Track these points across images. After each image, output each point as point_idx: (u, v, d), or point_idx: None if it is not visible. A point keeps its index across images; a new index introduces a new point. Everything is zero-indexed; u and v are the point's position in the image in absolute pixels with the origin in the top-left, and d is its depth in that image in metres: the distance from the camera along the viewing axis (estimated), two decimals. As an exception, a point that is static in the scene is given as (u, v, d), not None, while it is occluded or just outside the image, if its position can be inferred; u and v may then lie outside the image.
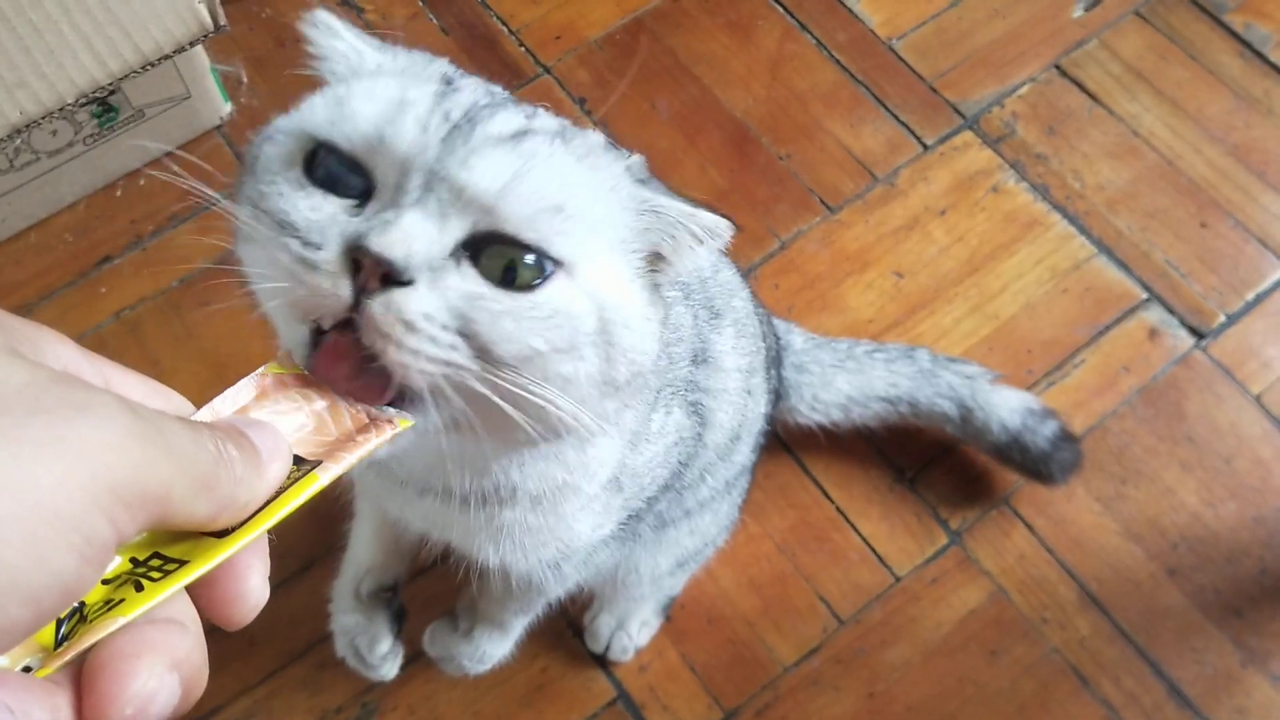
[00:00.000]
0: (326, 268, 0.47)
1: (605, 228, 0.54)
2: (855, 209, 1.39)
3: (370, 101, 0.51)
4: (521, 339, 0.50)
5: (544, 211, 0.50)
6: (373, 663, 1.00)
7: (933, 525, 1.22)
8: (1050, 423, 1.16)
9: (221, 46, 1.44)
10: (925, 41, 1.51)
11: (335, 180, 0.51)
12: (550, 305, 0.51)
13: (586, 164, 0.54)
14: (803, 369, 1.13)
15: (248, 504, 0.39)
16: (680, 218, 0.56)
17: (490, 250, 0.50)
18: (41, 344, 0.36)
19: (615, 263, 0.55)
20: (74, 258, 1.34)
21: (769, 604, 1.18)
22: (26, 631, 0.30)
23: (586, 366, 0.53)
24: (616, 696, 1.14)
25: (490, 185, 0.49)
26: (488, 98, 0.55)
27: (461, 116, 0.51)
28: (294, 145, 0.53)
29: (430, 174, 0.49)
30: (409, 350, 0.48)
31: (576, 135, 0.55)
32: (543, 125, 0.54)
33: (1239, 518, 1.22)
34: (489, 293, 0.49)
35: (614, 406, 0.58)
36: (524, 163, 0.51)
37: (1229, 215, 1.38)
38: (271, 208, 0.51)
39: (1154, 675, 1.14)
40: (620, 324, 0.53)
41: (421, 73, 0.56)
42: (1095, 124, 1.45)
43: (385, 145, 0.50)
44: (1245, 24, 1.50)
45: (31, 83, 1.13)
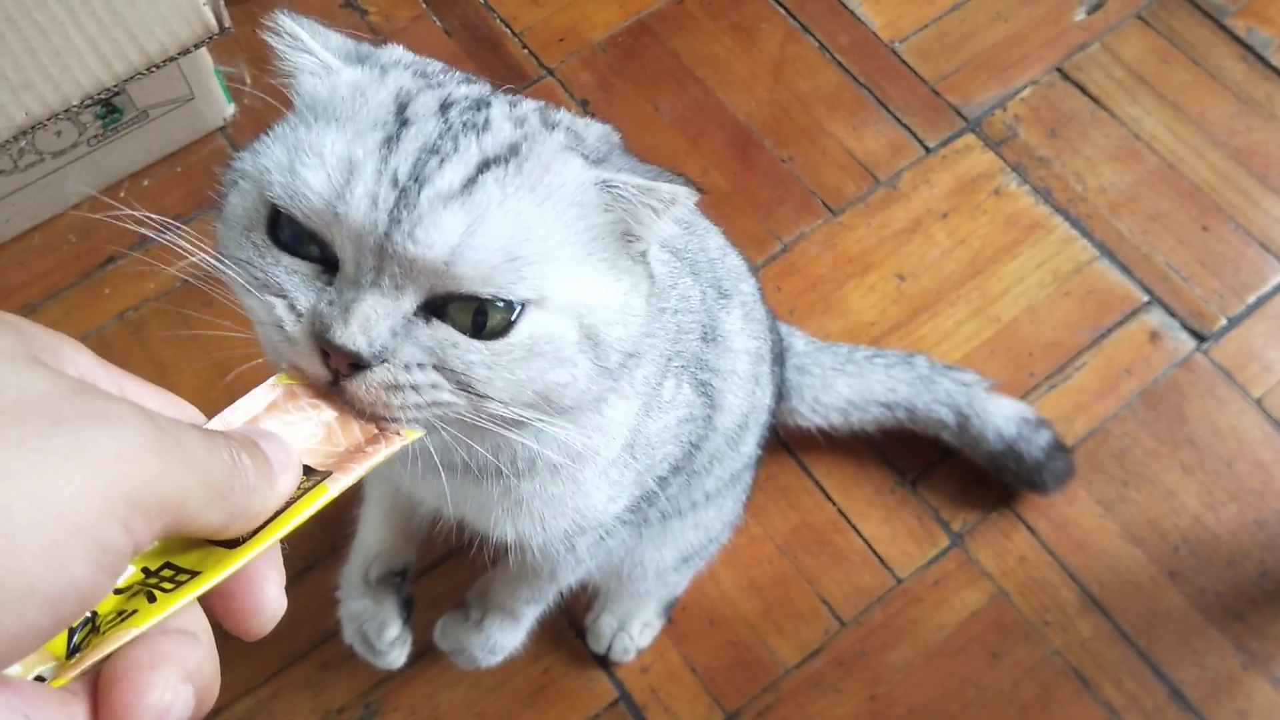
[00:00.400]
0: (300, 348, 0.51)
1: (570, 243, 0.54)
2: (857, 211, 1.39)
3: (320, 170, 0.52)
4: (505, 378, 0.53)
5: (499, 266, 0.51)
6: (381, 649, 0.99)
7: (934, 527, 1.22)
8: (1044, 432, 1.18)
9: (225, 48, 1.44)
10: (927, 44, 1.51)
11: (299, 247, 0.53)
12: (527, 342, 0.53)
13: (544, 187, 0.54)
14: (804, 371, 1.14)
15: (259, 514, 0.39)
16: (637, 193, 0.55)
17: (454, 305, 0.52)
18: (61, 352, 0.37)
19: (586, 267, 0.55)
20: (77, 258, 1.34)
21: (770, 606, 1.18)
22: (44, 637, 0.31)
23: (577, 370, 0.55)
24: (618, 697, 1.14)
25: (438, 254, 0.50)
26: (439, 128, 0.53)
27: (408, 176, 0.51)
28: (256, 200, 0.54)
29: (381, 250, 0.50)
30: (396, 407, 0.51)
31: (536, 147, 0.55)
32: (497, 147, 0.54)
33: (1240, 521, 1.22)
34: (462, 341, 0.52)
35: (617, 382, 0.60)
36: (473, 219, 0.51)
37: (1230, 219, 1.38)
38: (248, 272, 0.54)
39: (1155, 678, 1.15)
40: (603, 323, 0.55)
41: (373, 101, 0.55)
42: (1097, 127, 1.45)
43: (339, 222, 0.51)
44: (1247, 28, 1.50)
45: (37, 84, 1.13)
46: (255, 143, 0.57)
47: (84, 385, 0.34)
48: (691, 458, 0.82)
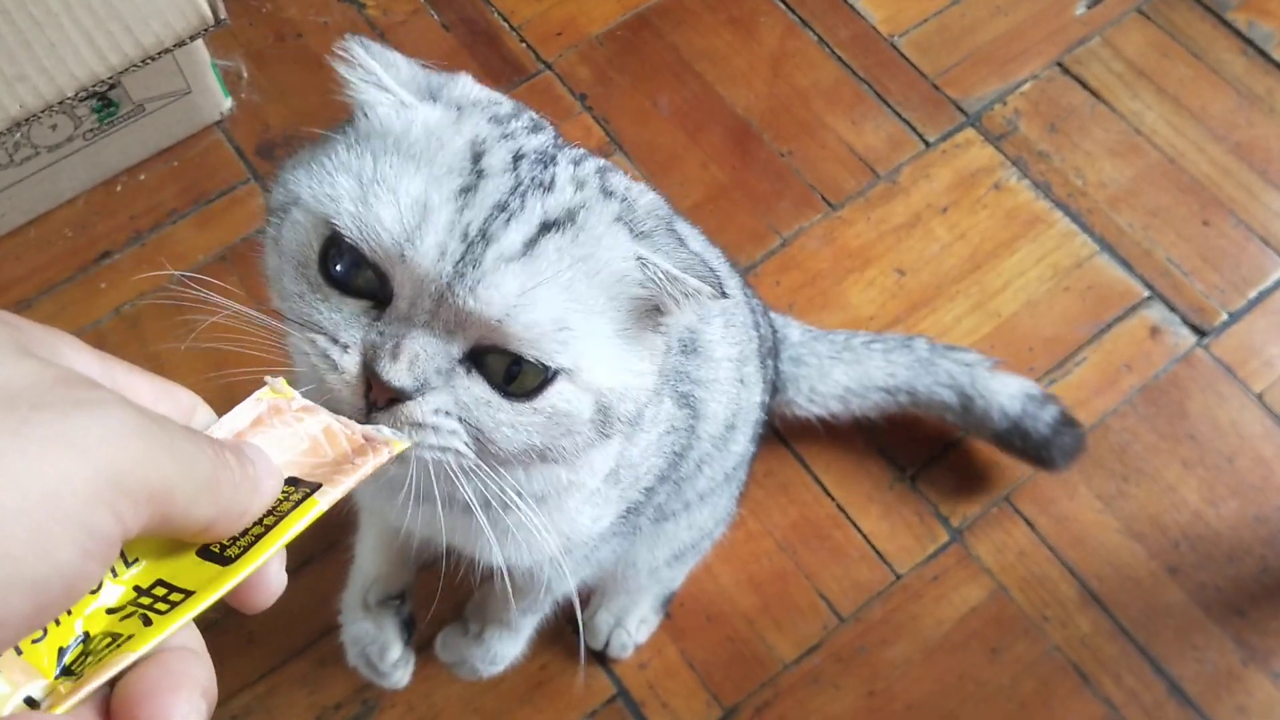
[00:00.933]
0: (346, 377, 0.53)
1: (609, 316, 0.57)
2: (857, 206, 1.39)
3: (394, 209, 0.53)
4: (519, 439, 0.56)
5: (548, 332, 0.53)
6: (384, 670, 1.01)
7: (933, 523, 1.21)
8: (1050, 408, 1.15)
9: (222, 41, 1.44)
10: (927, 39, 1.50)
11: (354, 278, 0.54)
12: (550, 409, 0.55)
13: (595, 260, 0.55)
14: (800, 361, 1.13)
15: (245, 511, 0.39)
16: (664, 278, 0.57)
17: (495, 355, 0.54)
18: (57, 348, 0.37)
19: (617, 344, 0.57)
20: (73, 253, 1.34)
21: (769, 601, 1.18)
22: (27, 623, 0.30)
23: (580, 437, 0.59)
24: (616, 694, 1.14)
25: (495, 312, 0.52)
26: (511, 184, 0.55)
27: (478, 232, 0.53)
28: (311, 233, 0.55)
29: (441, 296, 0.52)
30: (416, 439, 0.53)
31: (592, 217, 0.56)
32: (558, 210, 0.55)
33: (1240, 516, 1.22)
34: (494, 400, 0.55)
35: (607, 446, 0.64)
36: (531, 283, 0.53)
37: (1231, 213, 1.38)
38: (293, 308, 0.55)
39: (1155, 673, 1.14)
40: (618, 400, 0.58)
41: (450, 147, 0.56)
42: (1097, 121, 1.44)
43: (404, 264, 0.52)
44: (1248, 22, 1.50)
45: (31, 76, 1.12)
46: (309, 160, 0.58)
47: (69, 374, 0.34)
48: (677, 466, 0.82)
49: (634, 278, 0.57)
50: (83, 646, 0.36)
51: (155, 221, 1.36)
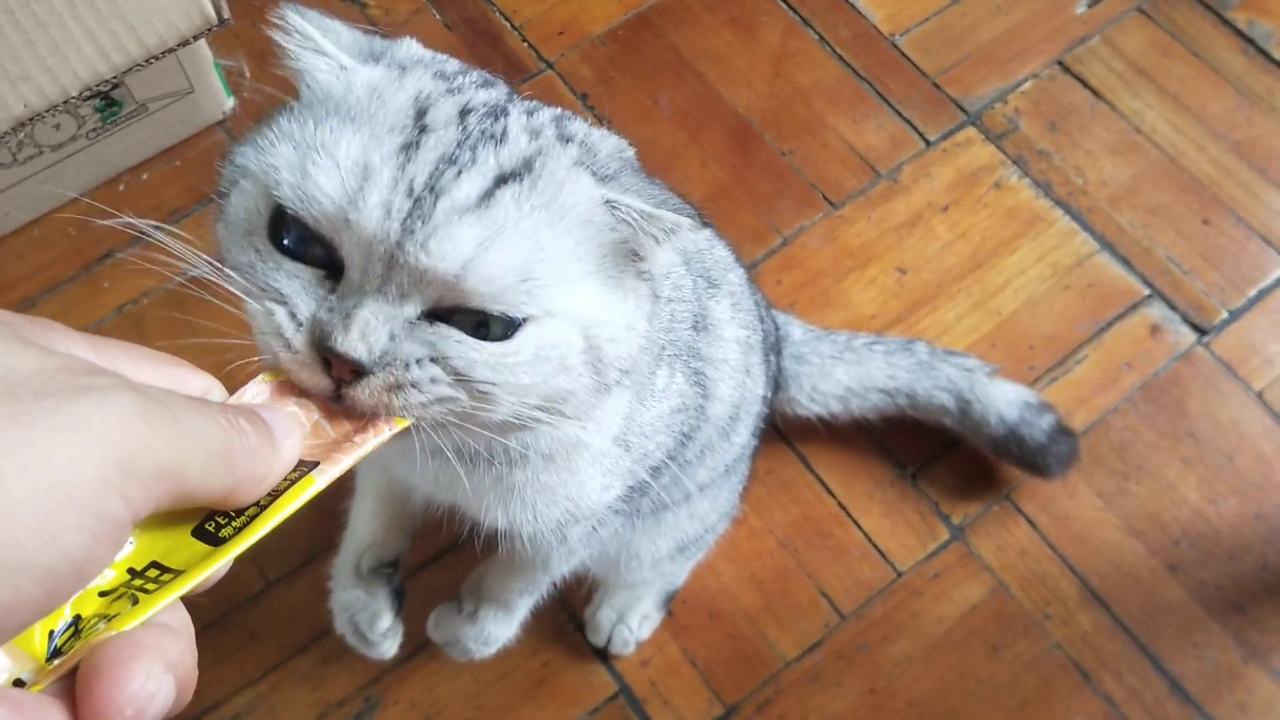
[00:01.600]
0: (300, 357, 0.50)
1: (580, 259, 0.54)
2: (858, 205, 1.39)
3: (333, 173, 0.51)
4: (509, 380, 0.53)
5: (511, 285, 0.51)
6: (373, 640, 0.98)
7: (934, 521, 1.22)
8: (1047, 416, 1.17)
9: (224, 41, 1.44)
10: (928, 38, 1.51)
11: (304, 250, 0.52)
12: (532, 346, 0.53)
13: (558, 206, 0.53)
14: (802, 359, 1.14)
15: (265, 476, 0.39)
16: (639, 218, 0.55)
17: (460, 316, 0.52)
18: (50, 337, 0.37)
19: (593, 283, 0.55)
20: (77, 252, 1.34)
21: (770, 599, 1.18)
22: (38, 608, 0.31)
23: (578, 380, 0.56)
24: (618, 690, 1.14)
25: (450, 267, 0.49)
26: (457, 137, 0.53)
27: (425, 185, 0.50)
28: (259, 201, 0.53)
29: (392, 258, 0.50)
30: (399, 406, 0.51)
31: (550, 163, 0.54)
32: (513, 161, 0.53)
33: (1240, 514, 1.22)
34: (467, 340, 0.52)
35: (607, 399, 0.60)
36: (488, 235, 0.50)
37: (1231, 212, 1.38)
38: (244, 280, 0.53)
39: (1155, 671, 1.14)
40: (605, 339, 0.55)
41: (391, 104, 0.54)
42: (1098, 120, 1.45)
43: (349, 228, 0.50)
44: (1248, 21, 1.50)
45: (35, 75, 1.13)
46: (255, 135, 0.56)
47: (71, 362, 0.34)
48: (684, 447, 0.81)
49: (603, 221, 0.55)
50: (74, 629, 0.37)
51: (159, 220, 1.36)
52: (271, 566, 1.17)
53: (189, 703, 0.39)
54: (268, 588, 1.16)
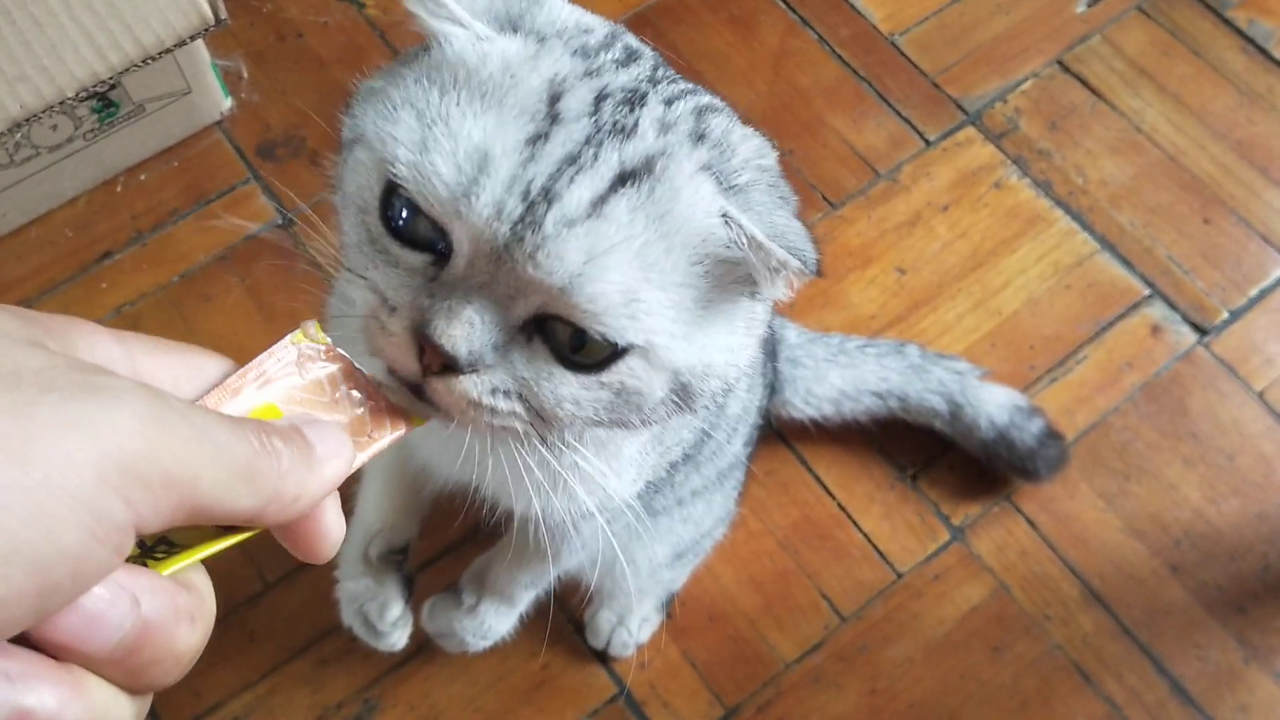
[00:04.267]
0: (395, 340, 0.49)
1: (691, 286, 0.50)
2: (858, 205, 1.39)
3: (452, 159, 0.48)
4: (582, 414, 0.52)
5: (615, 304, 0.48)
6: (383, 630, 0.95)
7: (935, 522, 1.21)
8: (1037, 420, 1.18)
9: (222, 41, 1.44)
10: (928, 37, 1.50)
11: (414, 229, 0.50)
12: (619, 384, 0.51)
13: (673, 218, 0.49)
14: (797, 363, 1.14)
15: (298, 499, 0.38)
16: (749, 245, 0.50)
17: (561, 323, 0.49)
18: (73, 337, 0.37)
19: (701, 317, 0.51)
20: (74, 253, 1.34)
21: (770, 600, 1.18)
22: (32, 604, 0.30)
23: (653, 414, 0.54)
24: (617, 693, 1.14)
25: (556, 282, 0.47)
26: (587, 132, 0.49)
27: (540, 190, 0.47)
28: (373, 175, 0.51)
29: (499, 259, 0.48)
30: (470, 419, 0.50)
31: (672, 165, 0.50)
32: (635, 159, 0.49)
33: (1242, 514, 1.21)
34: (556, 372, 0.50)
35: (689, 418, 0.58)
36: (596, 247, 0.47)
37: (1232, 211, 1.38)
38: (350, 257, 0.52)
39: (1156, 672, 1.14)
40: (699, 378, 0.53)
41: (524, 86, 0.50)
42: (1098, 120, 1.44)
43: (461, 219, 0.48)
44: (1248, 20, 1.50)
45: (32, 76, 1.12)
46: (379, 92, 0.53)
47: (81, 363, 0.34)
48: (700, 447, 0.80)
49: (718, 237, 0.50)
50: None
51: (156, 221, 1.36)
52: (270, 568, 1.17)
53: (189, 705, 0.39)
54: (266, 589, 1.16)
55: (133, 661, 0.34)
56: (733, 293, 0.53)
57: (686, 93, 0.55)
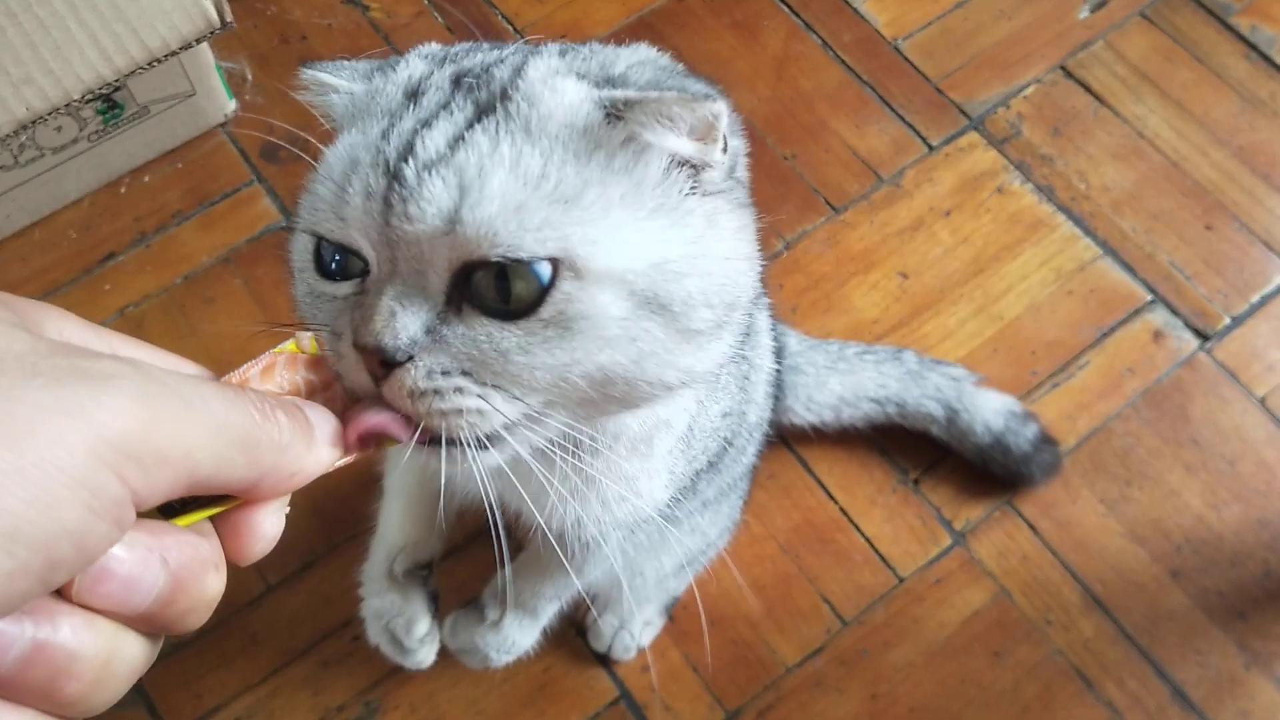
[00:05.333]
0: (348, 359, 0.49)
1: (592, 184, 0.49)
2: (860, 209, 1.39)
3: (328, 179, 0.50)
4: (544, 363, 0.48)
5: (503, 218, 0.46)
6: (410, 646, 0.94)
7: (936, 526, 1.21)
8: (1031, 425, 1.19)
9: (226, 44, 1.44)
10: (931, 42, 1.51)
11: (340, 265, 0.51)
12: (558, 314, 0.48)
13: (537, 121, 0.49)
14: (798, 370, 1.14)
15: (294, 474, 0.39)
16: (625, 108, 0.49)
17: (478, 275, 0.48)
18: (44, 321, 0.37)
19: (626, 215, 0.49)
20: (78, 254, 1.34)
21: (772, 605, 1.18)
22: (39, 577, 0.31)
23: (643, 345, 0.49)
24: (619, 696, 1.14)
25: (435, 224, 0.46)
26: (441, 100, 0.50)
27: (397, 156, 0.48)
28: (305, 238, 0.53)
29: (388, 239, 0.48)
30: (423, 413, 0.48)
31: (522, 81, 0.50)
32: (488, 97, 0.50)
33: (1243, 520, 1.22)
34: (492, 330, 0.48)
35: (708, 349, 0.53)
36: (461, 178, 0.47)
37: (1234, 218, 1.38)
38: (303, 313, 0.53)
39: (1157, 677, 1.14)
40: (668, 279, 0.49)
41: (384, 96, 0.53)
42: (1101, 125, 1.44)
43: (348, 225, 0.49)
44: (1251, 26, 1.50)
45: (38, 79, 1.12)
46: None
47: (65, 345, 0.35)
48: (723, 455, 0.79)
49: (608, 133, 0.49)
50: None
51: (160, 223, 1.36)
52: (272, 571, 1.17)
53: (191, 706, 0.39)
54: (268, 592, 1.16)
55: (168, 614, 0.35)
56: (661, 187, 0.51)
57: (549, 44, 0.55)
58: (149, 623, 0.35)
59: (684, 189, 0.51)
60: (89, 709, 0.34)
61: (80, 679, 0.33)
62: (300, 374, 0.47)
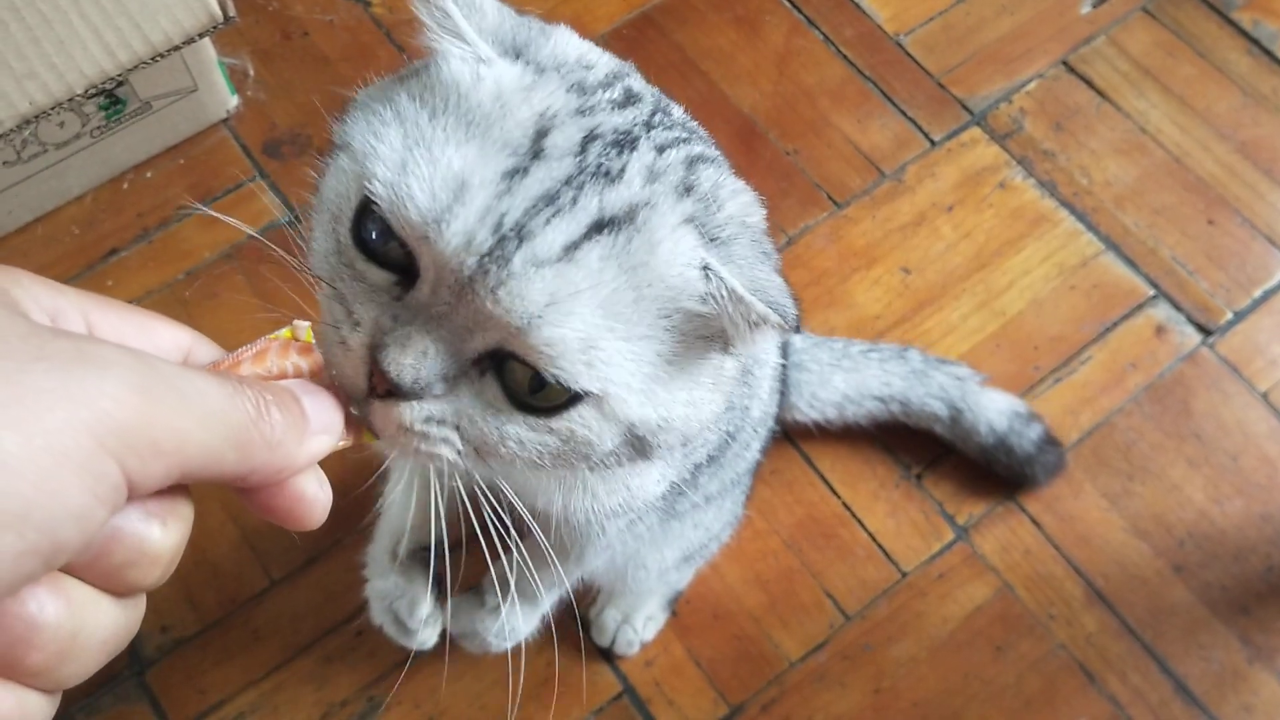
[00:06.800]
0: (351, 355, 0.48)
1: (654, 341, 0.49)
2: (862, 205, 1.39)
3: (428, 185, 0.47)
4: (525, 453, 0.51)
5: (572, 352, 0.47)
6: (413, 627, 0.96)
7: (939, 521, 1.22)
8: (1035, 426, 1.19)
9: (228, 39, 1.44)
10: (933, 37, 1.51)
11: (383, 248, 0.50)
12: (567, 430, 0.50)
13: (647, 269, 0.48)
14: (802, 368, 1.14)
15: (283, 469, 0.39)
16: (728, 298, 0.49)
17: (515, 364, 0.48)
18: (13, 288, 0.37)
19: (662, 372, 0.50)
20: (81, 250, 1.34)
21: (775, 599, 1.18)
22: (43, 559, 0.31)
23: (604, 462, 0.53)
24: (622, 691, 1.14)
25: (516, 321, 0.46)
26: (569, 172, 0.48)
27: (513, 225, 0.46)
28: (352, 186, 0.50)
29: (462, 290, 0.47)
30: (400, 443, 0.49)
31: (655, 217, 0.49)
32: (616, 208, 0.48)
33: (1246, 515, 1.22)
34: (504, 410, 0.49)
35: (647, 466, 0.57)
36: (561, 291, 0.46)
37: (1236, 212, 1.38)
38: (318, 264, 0.52)
39: (1161, 672, 1.14)
40: (653, 432, 0.52)
41: (513, 118, 0.49)
42: (1103, 120, 1.44)
43: (429, 245, 0.47)
44: (1253, 21, 1.50)
45: (41, 74, 1.12)
46: (375, 100, 0.52)
47: (65, 330, 0.35)
48: (725, 449, 0.80)
49: (694, 291, 0.49)
50: None
51: (162, 219, 1.36)
52: (275, 566, 1.17)
53: (195, 701, 0.39)
54: (271, 587, 1.16)
55: (106, 564, 0.35)
56: (700, 349, 0.52)
57: (680, 140, 0.53)
58: (89, 572, 0.34)
59: (717, 346, 0.53)
60: (59, 680, 0.34)
61: (43, 649, 0.33)
62: (291, 359, 0.47)
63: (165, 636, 1.13)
